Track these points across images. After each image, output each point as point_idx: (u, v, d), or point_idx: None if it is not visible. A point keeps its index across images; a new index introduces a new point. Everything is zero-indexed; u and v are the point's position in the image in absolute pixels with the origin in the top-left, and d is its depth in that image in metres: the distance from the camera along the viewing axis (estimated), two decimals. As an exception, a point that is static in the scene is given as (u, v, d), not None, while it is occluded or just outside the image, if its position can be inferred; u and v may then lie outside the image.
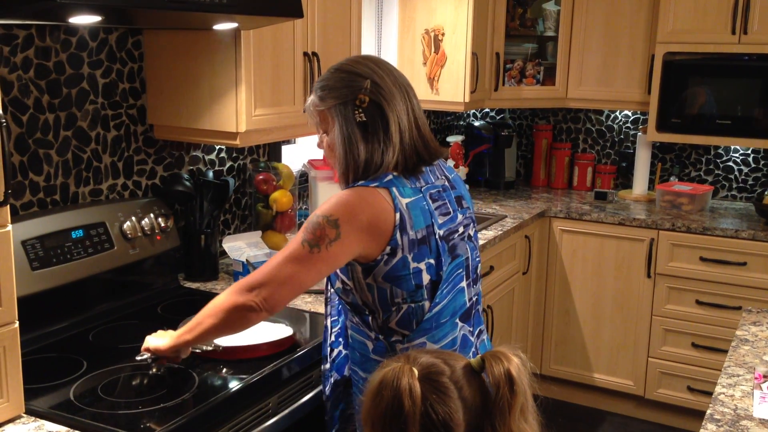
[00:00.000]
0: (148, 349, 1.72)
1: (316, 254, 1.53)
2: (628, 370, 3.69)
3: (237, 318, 1.58)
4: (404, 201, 1.57)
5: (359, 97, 1.58)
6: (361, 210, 1.55)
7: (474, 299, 1.74)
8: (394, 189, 1.58)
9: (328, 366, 1.78)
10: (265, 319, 1.64)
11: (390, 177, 1.59)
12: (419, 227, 1.58)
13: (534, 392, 1.06)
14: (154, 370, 1.74)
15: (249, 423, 1.73)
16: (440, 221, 1.63)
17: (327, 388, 1.79)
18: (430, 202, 1.62)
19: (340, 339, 1.78)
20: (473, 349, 1.72)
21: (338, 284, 1.68)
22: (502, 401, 1.01)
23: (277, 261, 1.57)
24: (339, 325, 1.78)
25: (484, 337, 1.79)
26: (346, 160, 1.63)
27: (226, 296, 1.61)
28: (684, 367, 3.55)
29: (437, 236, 1.61)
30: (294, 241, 1.57)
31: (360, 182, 1.60)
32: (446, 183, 1.71)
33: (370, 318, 1.65)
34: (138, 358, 1.73)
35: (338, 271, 1.65)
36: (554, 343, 3.86)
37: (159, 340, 1.72)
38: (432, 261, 1.60)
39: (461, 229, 1.69)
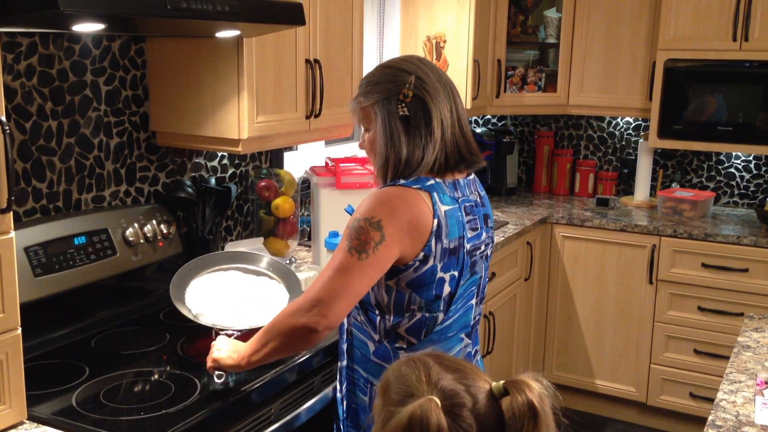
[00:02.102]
0: (220, 368, 1.68)
1: (365, 260, 1.50)
2: (630, 377, 3.69)
3: (300, 339, 1.54)
4: (443, 208, 1.57)
5: (403, 92, 1.58)
6: (402, 209, 1.53)
7: (477, 318, 1.74)
8: (435, 194, 1.57)
9: (345, 363, 1.74)
10: (327, 336, 1.58)
11: (432, 182, 1.58)
12: (453, 237, 1.58)
13: (557, 419, 1.03)
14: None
15: (251, 429, 1.73)
16: (469, 235, 1.63)
17: (344, 386, 1.74)
18: (464, 214, 1.62)
19: None
20: None
21: None
22: None
23: (328, 275, 1.53)
24: None
25: (478, 357, 1.79)
26: (386, 154, 1.61)
27: (285, 318, 1.56)
28: (686, 373, 3.54)
29: (465, 249, 1.61)
30: (340, 249, 1.54)
31: (401, 182, 1.59)
32: (478, 199, 1.70)
33: (378, 319, 1.64)
34: (215, 377, 1.71)
35: None
36: (556, 349, 3.85)
37: (229, 359, 1.66)
38: (456, 273, 1.60)
39: (482, 248, 1.69)
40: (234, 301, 1.91)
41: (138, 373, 1.82)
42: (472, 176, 1.72)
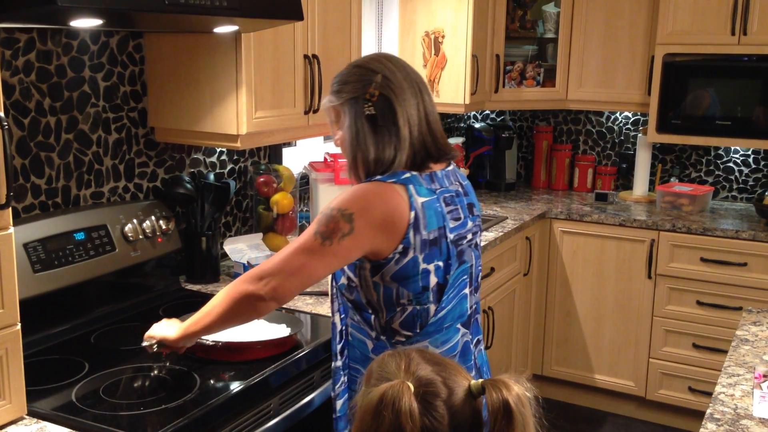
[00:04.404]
0: (153, 337, 1.74)
1: (328, 247, 1.53)
2: (629, 371, 3.69)
3: (245, 307, 1.58)
4: (420, 200, 1.58)
5: (369, 91, 1.61)
6: (376, 205, 1.55)
7: (474, 307, 1.74)
8: (411, 187, 1.58)
9: (339, 363, 1.75)
10: (273, 310, 1.63)
11: (407, 175, 1.60)
12: (432, 228, 1.59)
13: (539, 421, 1.02)
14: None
15: (250, 424, 1.73)
16: (451, 225, 1.63)
17: (337, 386, 1.75)
18: (443, 205, 1.63)
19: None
20: (472, 359, 1.73)
21: (343, 280, 1.67)
22: None
23: (288, 251, 1.57)
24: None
25: (482, 347, 1.79)
26: (355, 154, 1.64)
27: (234, 285, 1.61)
28: (685, 367, 3.55)
29: (448, 240, 1.62)
30: (307, 232, 1.57)
31: (377, 177, 1.60)
32: (459, 189, 1.71)
33: (372, 317, 1.65)
34: (144, 344, 1.75)
35: (345, 267, 1.65)
36: (555, 344, 3.86)
37: (166, 329, 1.73)
38: (441, 264, 1.61)
39: (470, 236, 1.70)
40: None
41: (137, 369, 1.83)
42: (452, 167, 1.73)
